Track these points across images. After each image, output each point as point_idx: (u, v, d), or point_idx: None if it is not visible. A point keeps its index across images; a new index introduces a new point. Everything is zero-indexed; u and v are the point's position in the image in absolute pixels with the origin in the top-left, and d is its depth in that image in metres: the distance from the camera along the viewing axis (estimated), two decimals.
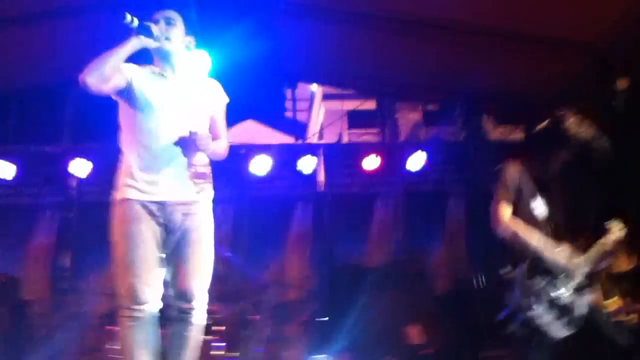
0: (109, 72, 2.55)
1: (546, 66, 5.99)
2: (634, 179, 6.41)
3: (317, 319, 6.02)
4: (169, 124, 2.70)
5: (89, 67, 2.53)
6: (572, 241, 2.99)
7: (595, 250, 2.98)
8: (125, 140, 2.75)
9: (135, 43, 2.60)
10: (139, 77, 2.72)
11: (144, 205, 2.64)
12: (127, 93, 2.69)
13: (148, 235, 2.61)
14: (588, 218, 3.31)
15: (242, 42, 5.56)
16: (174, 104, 2.73)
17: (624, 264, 5.63)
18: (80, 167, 6.28)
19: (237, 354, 4.70)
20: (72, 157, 6.23)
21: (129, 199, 2.64)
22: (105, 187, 5.86)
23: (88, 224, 5.97)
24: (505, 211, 2.92)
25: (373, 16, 5.56)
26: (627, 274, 6.78)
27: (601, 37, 5.42)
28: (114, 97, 2.74)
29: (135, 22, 2.57)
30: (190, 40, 2.82)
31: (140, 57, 2.73)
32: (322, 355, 4.93)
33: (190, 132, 2.66)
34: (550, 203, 3.04)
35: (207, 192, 2.81)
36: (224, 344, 4.60)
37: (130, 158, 2.70)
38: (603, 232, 3.05)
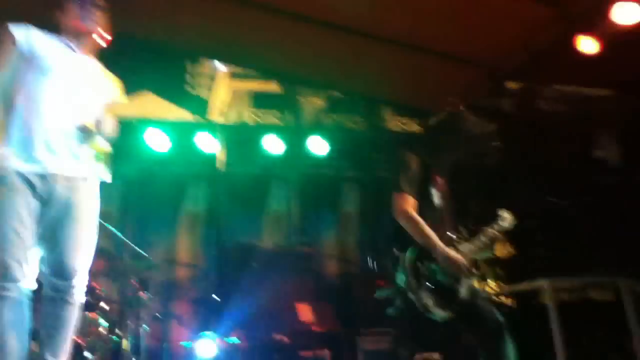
0: None
1: (441, 77, 6.32)
2: (517, 175, 6.92)
3: (206, 298, 5.95)
4: (67, 96, 2.58)
5: None
6: (457, 230, 3.13)
7: (481, 237, 3.12)
8: (14, 107, 2.55)
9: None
10: (43, 43, 2.62)
11: (22, 176, 2.46)
12: (25, 54, 2.56)
13: (23, 208, 2.43)
14: (471, 209, 3.50)
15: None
16: (76, 78, 2.64)
17: (500, 251, 6.05)
18: None
19: (121, 332, 4.53)
20: None
21: (5, 168, 2.45)
22: None
23: None
24: (408, 201, 2.98)
25: (273, 9, 5.61)
26: (500, 260, 7.31)
27: (495, 56, 5.84)
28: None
29: None
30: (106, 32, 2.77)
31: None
32: (210, 333, 4.88)
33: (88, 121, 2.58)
34: (440, 193, 3.17)
35: (98, 170, 2.69)
36: (107, 322, 4.43)
37: (14, 124, 2.52)
38: (493, 219, 3.20)
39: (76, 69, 2.66)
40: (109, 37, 2.78)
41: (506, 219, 3.23)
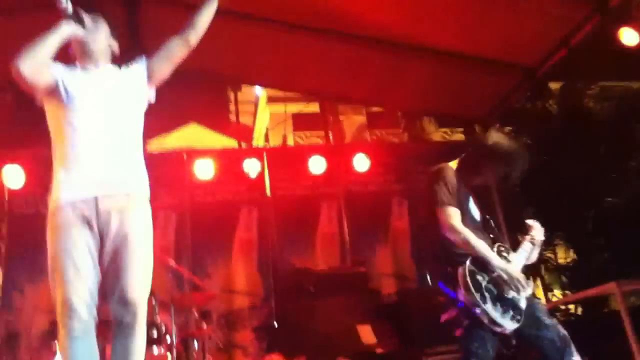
0: (44, 61, 2.49)
1: (481, 83, 6.23)
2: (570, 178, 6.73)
3: (267, 325, 5.97)
4: (95, 119, 2.61)
5: (23, 55, 2.44)
6: (505, 241, 3.08)
7: (524, 246, 3.10)
8: (55, 143, 2.64)
9: (67, 29, 2.53)
10: (66, 75, 2.65)
11: (74, 207, 2.50)
12: (54, 91, 2.59)
13: (81, 242, 2.48)
14: (519, 221, 3.44)
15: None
16: (99, 98, 2.65)
17: (562, 257, 5.89)
18: (12, 177, 5.96)
19: None
20: (3, 166, 5.91)
21: (60, 205, 2.50)
22: (38, 198, 5.65)
23: (21, 237, 5.69)
24: (456, 215, 2.93)
25: (313, 29, 5.64)
26: (566, 267, 7.07)
27: (535, 57, 5.73)
28: (41, 96, 2.63)
29: (70, 7, 2.52)
30: (114, 43, 2.79)
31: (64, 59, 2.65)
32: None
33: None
34: (481, 206, 3.12)
35: (142, 185, 2.69)
36: (170, 355, 4.48)
37: (60, 160, 2.59)
38: (528, 229, 3.20)
39: (96, 90, 2.65)
40: (117, 48, 2.77)
41: (537, 229, 3.19)
